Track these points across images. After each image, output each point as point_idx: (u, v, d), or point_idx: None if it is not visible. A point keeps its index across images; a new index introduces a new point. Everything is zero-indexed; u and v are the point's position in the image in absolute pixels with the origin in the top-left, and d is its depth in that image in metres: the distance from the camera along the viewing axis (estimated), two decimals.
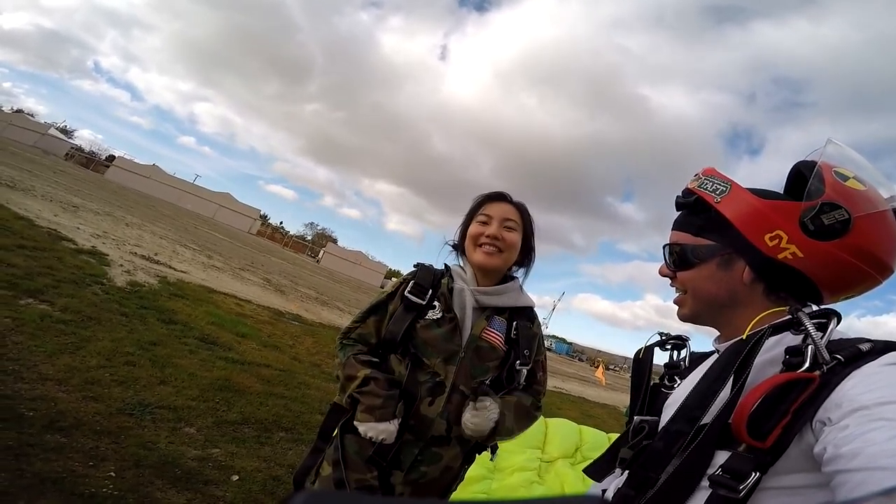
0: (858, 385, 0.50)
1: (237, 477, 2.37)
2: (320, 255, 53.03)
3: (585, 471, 0.98)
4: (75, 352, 3.08)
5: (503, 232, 1.27)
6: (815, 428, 0.51)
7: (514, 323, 1.27)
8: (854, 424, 0.46)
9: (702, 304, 0.75)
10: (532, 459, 3.39)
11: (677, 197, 0.80)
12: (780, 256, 0.65)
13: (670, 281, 0.81)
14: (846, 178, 0.65)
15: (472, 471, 2.99)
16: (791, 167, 0.73)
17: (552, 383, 13.99)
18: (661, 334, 0.94)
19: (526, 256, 1.37)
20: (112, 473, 1.99)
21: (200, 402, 3.07)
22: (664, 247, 0.81)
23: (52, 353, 2.91)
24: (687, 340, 0.90)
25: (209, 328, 4.97)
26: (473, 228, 1.30)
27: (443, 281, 1.28)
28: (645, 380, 0.87)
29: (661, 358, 0.94)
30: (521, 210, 1.34)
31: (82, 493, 1.80)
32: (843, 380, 0.51)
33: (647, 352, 0.91)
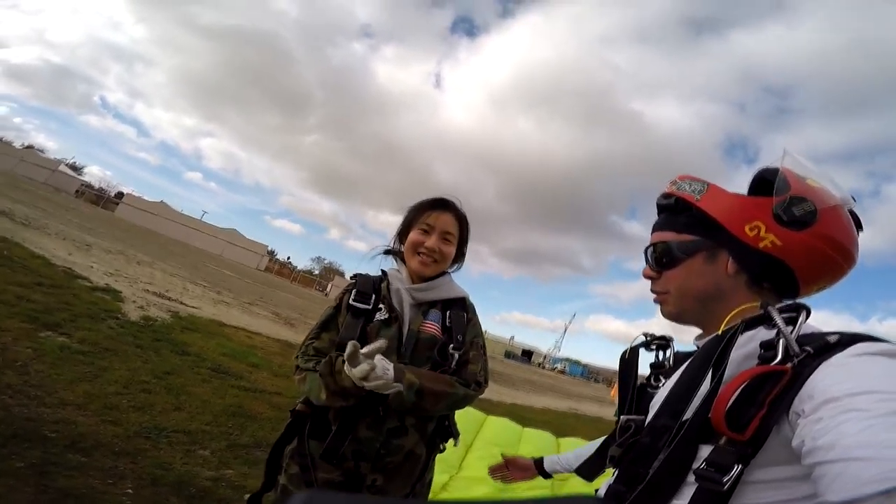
0: (828, 376, 0.52)
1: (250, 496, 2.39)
2: (328, 289, 53.18)
3: (577, 471, 1.01)
4: (94, 380, 3.17)
5: (441, 245, 1.36)
6: (791, 419, 0.53)
7: (448, 312, 1.36)
8: (827, 416, 0.48)
9: (688, 301, 0.77)
10: None
11: (658, 199, 0.83)
12: (761, 245, 0.68)
13: (652, 283, 0.83)
14: (805, 179, 0.71)
15: (482, 489, 2.99)
16: (754, 174, 0.76)
17: (566, 404, 13.74)
18: (645, 335, 0.95)
19: (458, 258, 1.46)
20: (130, 491, 2.04)
21: (214, 427, 3.12)
22: (646, 248, 0.83)
23: (71, 381, 3.00)
24: (671, 341, 0.92)
25: (221, 359, 5.04)
26: (414, 236, 1.36)
27: (382, 284, 1.36)
28: (632, 380, 0.90)
29: (647, 359, 0.95)
30: (461, 221, 1.42)
31: None
32: (813, 371, 0.53)
33: (633, 353, 0.94)
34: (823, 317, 0.65)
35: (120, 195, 52.36)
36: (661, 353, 0.92)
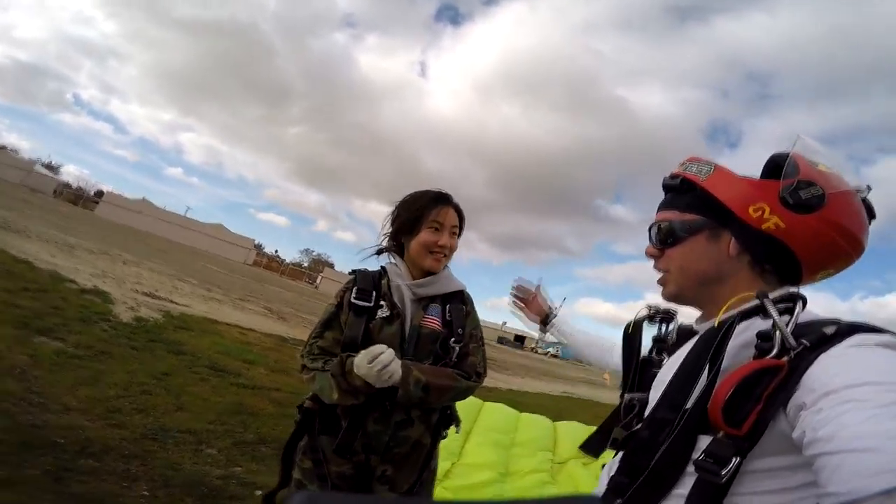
0: (828, 368, 0.52)
1: (260, 492, 2.45)
2: (318, 282, 52.95)
3: (581, 447, 1.01)
4: (93, 384, 3.18)
5: (452, 241, 1.41)
6: (790, 414, 0.53)
7: (447, 306, 1.40)
8: (827, 408, 0.48)
9: (688, 281, 0.77)
10: (544, 461, 3.46)
11: (664, 179, 0.82)
12: (764, 227, 0.68)
13: (654, 262, 0.82)
14: (816, 164, 0.70)
15: (484, 475, 3.08)
16: (767, 159, 0.75)
17: (560, 388, 13.98)
18: (649, 307, 0.93)
19: None
20: (146, 493, 2.08)
21: (218, 426, 3.16)
22: (650, 226, 0.82)
23: (72, 386, 3.01)
24: (675, 314, 0.90)
25: (217, 357, 5.06)
26: (427, 236, 1.37)
27: (382, 281, 1.39)
28: (635, 356, 0.89)
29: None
30: (461, 214, 1.47)
31: None
32: (810, 365, 0.53)
33: (636, 327, 0.92)
34: (806, 295, 0.66)
35: (99, 194, 51.03)
36: (664, 327, 0.90)
